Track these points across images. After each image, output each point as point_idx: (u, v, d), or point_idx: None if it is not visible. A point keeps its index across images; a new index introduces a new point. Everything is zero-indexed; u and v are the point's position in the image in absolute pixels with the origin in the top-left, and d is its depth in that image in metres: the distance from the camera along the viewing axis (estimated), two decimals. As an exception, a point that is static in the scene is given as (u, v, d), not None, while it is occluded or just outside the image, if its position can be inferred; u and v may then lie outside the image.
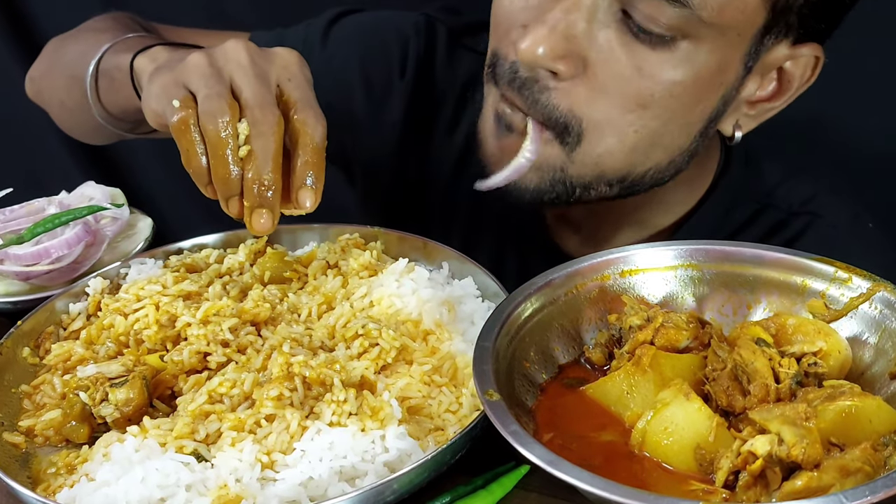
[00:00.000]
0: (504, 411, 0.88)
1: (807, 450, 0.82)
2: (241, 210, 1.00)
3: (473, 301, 1.15)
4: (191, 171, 1.00)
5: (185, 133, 0.98)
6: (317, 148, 1.00)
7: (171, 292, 1.13)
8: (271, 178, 0.97)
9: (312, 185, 1.00)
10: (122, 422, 1.01)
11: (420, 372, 1.03)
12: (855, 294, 1.00)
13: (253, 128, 0.97)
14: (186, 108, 0.99)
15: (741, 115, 1.21)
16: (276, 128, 0.98)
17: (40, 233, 1.30)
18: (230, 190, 0.99)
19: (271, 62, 1.03)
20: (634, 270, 1.07)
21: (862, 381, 0.95)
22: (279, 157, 0.98)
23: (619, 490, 0.79)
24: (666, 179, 1.22)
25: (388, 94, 1.47)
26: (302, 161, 0.99)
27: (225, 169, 0.97)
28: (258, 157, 0.97)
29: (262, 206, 0.98)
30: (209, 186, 1.01)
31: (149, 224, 1.40)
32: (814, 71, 1.19)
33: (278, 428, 0.95)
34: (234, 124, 0.97)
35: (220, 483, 0.92)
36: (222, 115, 0.97)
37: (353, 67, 1.48)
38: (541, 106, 1.12)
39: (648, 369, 0.94)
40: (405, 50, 1.46)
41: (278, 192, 0.99)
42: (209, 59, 1.02)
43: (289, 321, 1.11)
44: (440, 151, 1.45)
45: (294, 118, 1.00)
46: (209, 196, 1.02)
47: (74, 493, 0.94)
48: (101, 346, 1.11)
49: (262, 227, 0.99)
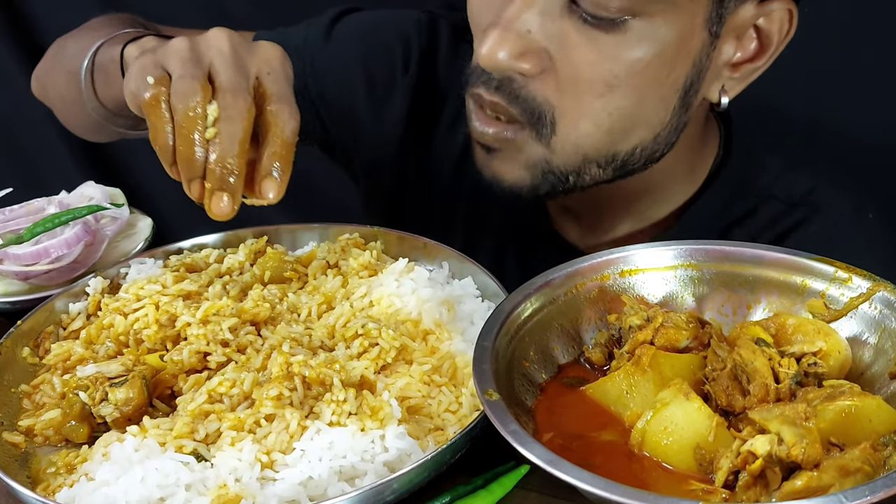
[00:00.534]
0: (504, 411, 0.88)
1: (806, 450, 0.82)
2: (201, 193, 0.99)
3: (473, 301, 1.15)
4: (157, 149, 0.99)
5: (155, 109, 0.98)
6: (286, 141, 0.99)
7: (171, 292, 1.13)
8: (234, 163, 0.96)
9: (278, 178, 0.99)
10: (122, 421, 1.01)
11: (420, 372, 1.03)
12: (855, 294, 1.00)
13: (222, 111, 0.97)
14: (160, 85, 0.99)
15: (725, 79, 1.21)
16: (246, 114, 0.97)
17: (40, 232, 1.30)
18: (193, 171, 0.98)
19: (253, 54, 1.04)
20: (634, 270, 1.07)
21: (862, 381, 0.95)
22: (245, 143, 0.97)
23: (619, 490, 0.79)
24: (658, 155, 1.22)
25: (391, 90, 1.47)
26: (269, 152, 0.99)
27: (189, 149, 0.97)
28: (223, 141, 0.96)
29: (222, 190, 0.97)
30: (174, 166, 1.00)
31: (149, 224, 1.40)
32: (791, 23, 1.19)
33: (278, 428, 0.95)
34: (203, 105, 0.97)
35: (220, 483, 0.92)
36: (193, 94, 0.97)
37: (356, 65, 1.48)
38: (521, 100, 1.14)
39: (648, 369, 0.94)
40: (408, 47, 1.46)
41: (241, 178, 0.98)
42: (190, 44, 1.03)
43: (289, 321, 1.11)
44: (442, 148, 1.46)
45: (267, 109, 1.00)
46: (173, 177, 1.01)
47: (74, 493, 0.94)
48: (101, 346, 1.11)
49: (221, 211, 0.98)
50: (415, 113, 1.46)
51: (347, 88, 1.49)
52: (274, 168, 0.99)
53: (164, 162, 1.00)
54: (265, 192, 0.99)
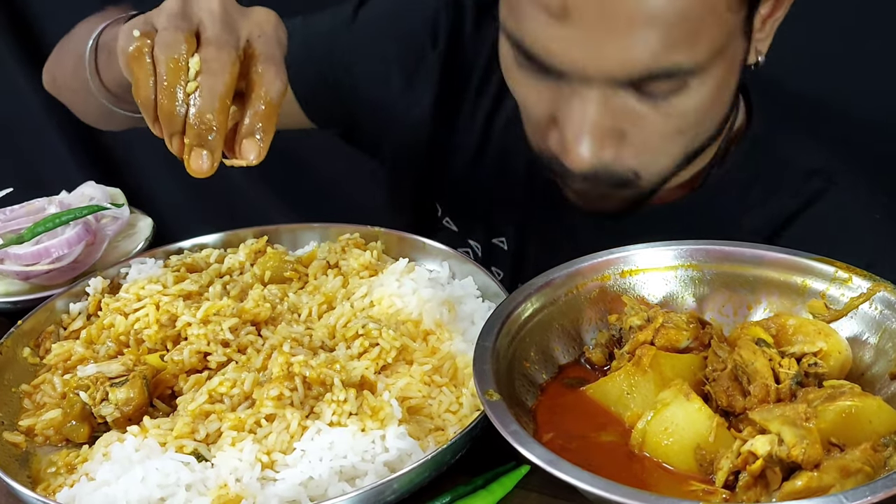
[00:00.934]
0: (504, 411, 0.88)
1: (807, 450, 0.82)
2: (181, 148, 0.96)
3: (473, 301, 1.15)
4: (139, 103, 0.97)
5: (138, 60, 0.96)
6: (270, 102, 0.97)
7: (172, 292, 1.13)
8: (213, 118, 0.94)
9: (259, 139, 0.97)
10: (123, 421, 1.01)
11: (420, 372, 1.03)
12: (855, 294, 1.00)
13: (204, 63, 0.95)
14: (144, 38, 0.97)
15: (757, 42, 1.22)
16: (230, 68, 0.95)
17: (40, 232, 1.30)
18: (173, 126, 0.96)
19: (245, 16, 1.02)
20: (634, 270, 1.07)
21: (862, 382, 0.95)
22: (226, 99, 0.95)
23: (619, 490, 0.79)
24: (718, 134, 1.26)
25: (422, 66, 1.47)
26: (252, 111, 0.97)
27: (170, 102, 0.95)
28: (204, 94, 0.94)
29: (201, 147, 0.95)
30: (156, 122, 0.98)
31: (149, 224, 1.40)
32: None
33: (278, 428, 0.95)
34: (186, 58, 0.95)
35: (220, 483, 0.92)
36: (176, 45, 0.95)
37: (386, 48, 1.48)
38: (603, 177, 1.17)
39: (648, 369, 0.94)
40: (436, 23, 1.46)
41: (220, 134, 0.95)
42: (182, 3, 1.01)
43: (289, 321, 1.11)
44: (467, 120, 1.47)
45: (253, 69, 0.98)
46: (156, 132, 0.99)
47: (74, 493, 0.94)
48: (102, 346, 1.11)
49: (199, 167, 0.95)
50: (444, 87, 1.46)
51: (378, 72, 1.48)
52: (256, 129, 0.97)
53: (146, 117, 0.98)
54: (245, 152, 0.96)
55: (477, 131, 1.46)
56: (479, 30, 1.46)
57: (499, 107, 1.36)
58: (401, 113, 1.49)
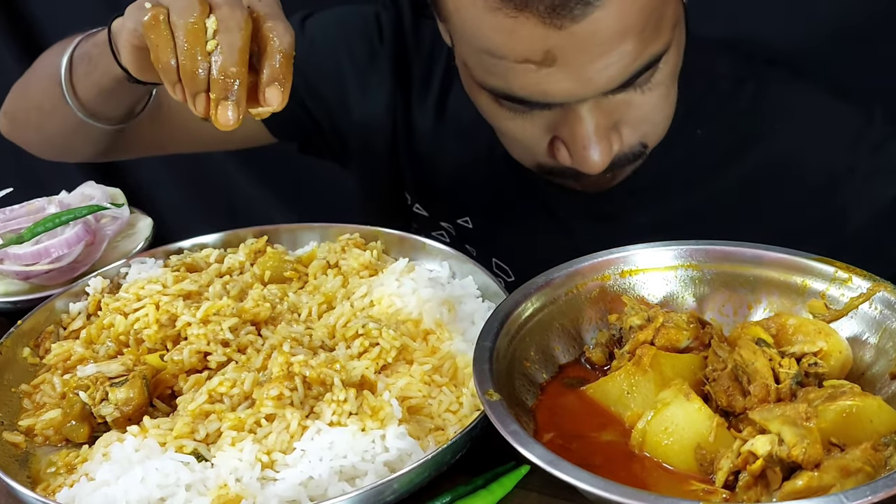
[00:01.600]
0: (504, 411, 0.88)
1: (807, 450, 0.82)
2: (207, 107, 1.02)
3: (473, 301, 1.15)
4: (159, 68, 1.03)
5: (156, 27, 1.02)
6: (285, 52, 1.03)
7: (172, 292, 1.13)
8: (237, 71, 1.00)
9: (280, 87, 1.03)
10: (122, 421, 1.01)
11: (420, 372, 1.03)
12: (855, 294, 1.00)
13: (220, 23, 1.01)
14: (159, 7, 1.03)
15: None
16: (244, 24, 1.01)
17: (40, 232, 1.30)
18: (197, 86, 1.01)
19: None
20: (634, 270, 1.07)
21: (862, 382, 0.95)
22: (245, 52, 1.01)
23: (619, 490, 0.79)
24: None
25: (373, 62, 1.55)
26: (270, 63, 1.03)
27: (193, 63, 1.00)
28: (225, 50, 1.00)
29: (227, 100, 1.01)
30: (178, 85, 1.03)
31: (149, 224, 1.41)
32: None
33: (278, 427, 0.95)
34: (202, 19, 1.01)
35: (220, 483, 0.92)
36: (192, 9, 1.01)
37: (336, 49, 1.57)
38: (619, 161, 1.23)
39: (649, 369, 0.94)
40: (378, 20, 1.56)
41: (244, 86, 1.01)
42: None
43: (289, 321, 1.11)
44: (421, 105, 1.55)
45: (264, 27, 1.04)
46: (177, 97, 1.04)
47: (74, 493, 0.94)
48: (101, 346, 1.11)
49: (228, 120, 1.01)
50: (395, 78, 1.54)
51: (333, 74, 1.57)
52: (277, 78, 1.02)
53: (167, 81, 1.03)
54: (270, 100, 1.02)
55: (430, 116, 1.53)
56: (416, 24, 1.55)
57: (448, 89, 1.46)
58: (360, 110, 1.56)
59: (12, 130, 1.60)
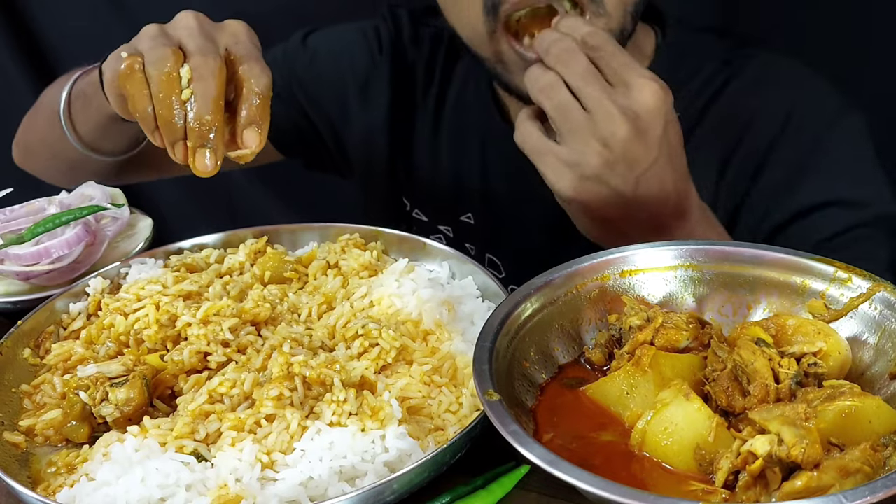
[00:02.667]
0: (504, 411, 0.88)
1: (806, 450, 0.82)
2: (185, 154, 1.04)
3: (473, 301, 1.15)
4: (137, 117, 1.05)
5: (131, 77, 1.04)
6: (261, 94, 1.05)
7: (172, 292, 1.13)
8: (212, 119, 1.02)
9: (257, 128, 1.04)
10: (123, 421, 1.01)
11: (420, 372, 1.03)
12: (855, 294, 1.00)
13: (194, 72, 1.03)
14: (134, 57, 1.05)
15: None
16: (218, 72, 1.03)
17: (40, 233, 1.30)
18: (174, 133, 1.03)
19: (220, 29, 1.11)
20: (634, 270, 1.07)
21: (862, 382, 0.95)
22: (220, 99, 1.03)
23: (619, 490, 0.79)
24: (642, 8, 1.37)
25: (373, 73, 1.60)
26: (246, 105, 1.05)
27: (169, 111, 1.02)
28: (199, 99, 1.02)
29: (203, 147, 1.02)
30: (156, 132, 1.05)
31: (149, 224, 1.41)
32: None
33: (278, 428, 0.95)
34: (176, 69, 1.03)
35: (220, 483, 0.92)
36: (166, 60, 1.04)
37: (338, 61, 1.62)
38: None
39: (648, 369, 0.94)
40: (378, 34, 1.62)
41: (220, 133, 1.03)
42: (159, 26, 1.10)
43: (289, 321, 1.11)
44: (421, 113, 1.59)
45: (240, 69, 1.06)
46: (157, 143, 1.06)
47: (74, 493, 0.94)
48: (101, 346, 1.11)
49: (205, 167, 1.03)
50: (395, 88, 1.59)
51: (335, 86, 1.62)
52: (254, 120, 1.04)
53: (146, 129, 1.05)
54: (247, 141, 1.04)
55: (429, 123, 1.58)
56: (415, 35, 1.61)
57: (445, 96, 1.50)
58: (361, 120, 1.61)
59: (24, 160, 1.65)
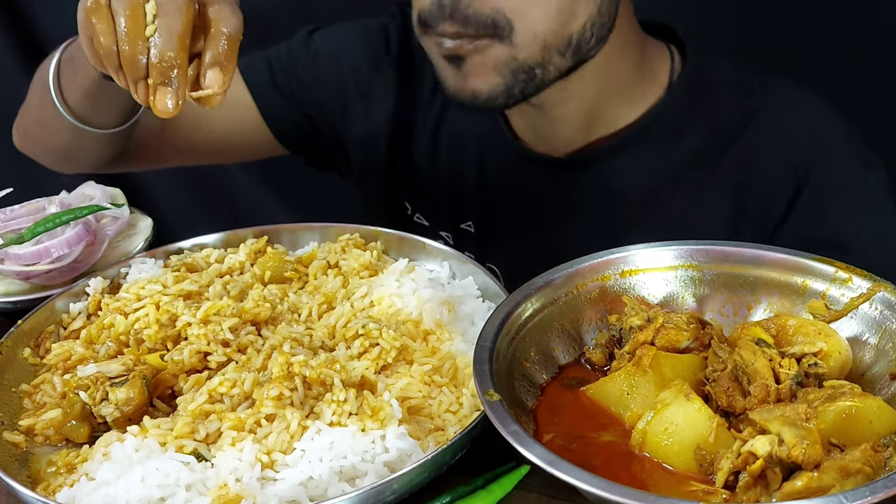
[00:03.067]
0: (504, 411, 0.88)
1: (807, 450, 0.82)
2: (146, 93, 0.99)
3: (473, 301, 1.15)
4: (102, 54, 1.01)
5: (96, 12, 1.00)
6: (229, 35, 1.01)
7: (172, 292, 1.13)
8: (174, 56, 0.97)
9: (221, 70, 1.00)
10: (123, 421, 1.01)
11: (420, 372, 1.03)
12: (855, 294, 1.00)
13: (159, 7, 0.98)
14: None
15: None
16: (184, 8, 0.99)
17: (40, 232, 1.30)
18: (137, 72, 0.99)
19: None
20: (635, 271, 1.07)
21: (862, 382, 0.95)
22: (184, 37, 0.98)
23: (619, 490, 0.79)
24: (606, 31, 1.34)
25: (377, 74, 1.58)
26: (213, 45, 1.00)
27: (132, 48, 0.98)
28: (162, 35, 0.98)
29: (165, 85, 0.98)
30: (120, 71, 1.01)
31: (149, 224, 1.41)
32: None
33: (278, 428, 0.95)
34: (141, 4, 0.98)
35: (220, 483, 0.92)
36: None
37: (342, 59, 1.59)
38: (473, 17, 1.25)
39: (649, 370, 0.94)
40: (386, 32, 1.59)
41: (183, 72, 0.98)
42: None
43: (289, 321, 1.11)
44: (425, 117, 1.58)
45: (209, 10, 1.01)
46: (121, 84, 1.02)
47: (74, 493, 0.94)
48: (102, 346, 1.11)
49: (165, 106, 0.98)
50: (400, 91, 1.57)
51: (336, 83, 1.59)
52: (219, 61, 1.00)
53: (110, 68, 1.01)
54: (210, 81, 0.99)
55: (431, 126, 1.56)
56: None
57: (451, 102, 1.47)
58: (362, 121, 1.59)
59: (24, 144, 1.63)
